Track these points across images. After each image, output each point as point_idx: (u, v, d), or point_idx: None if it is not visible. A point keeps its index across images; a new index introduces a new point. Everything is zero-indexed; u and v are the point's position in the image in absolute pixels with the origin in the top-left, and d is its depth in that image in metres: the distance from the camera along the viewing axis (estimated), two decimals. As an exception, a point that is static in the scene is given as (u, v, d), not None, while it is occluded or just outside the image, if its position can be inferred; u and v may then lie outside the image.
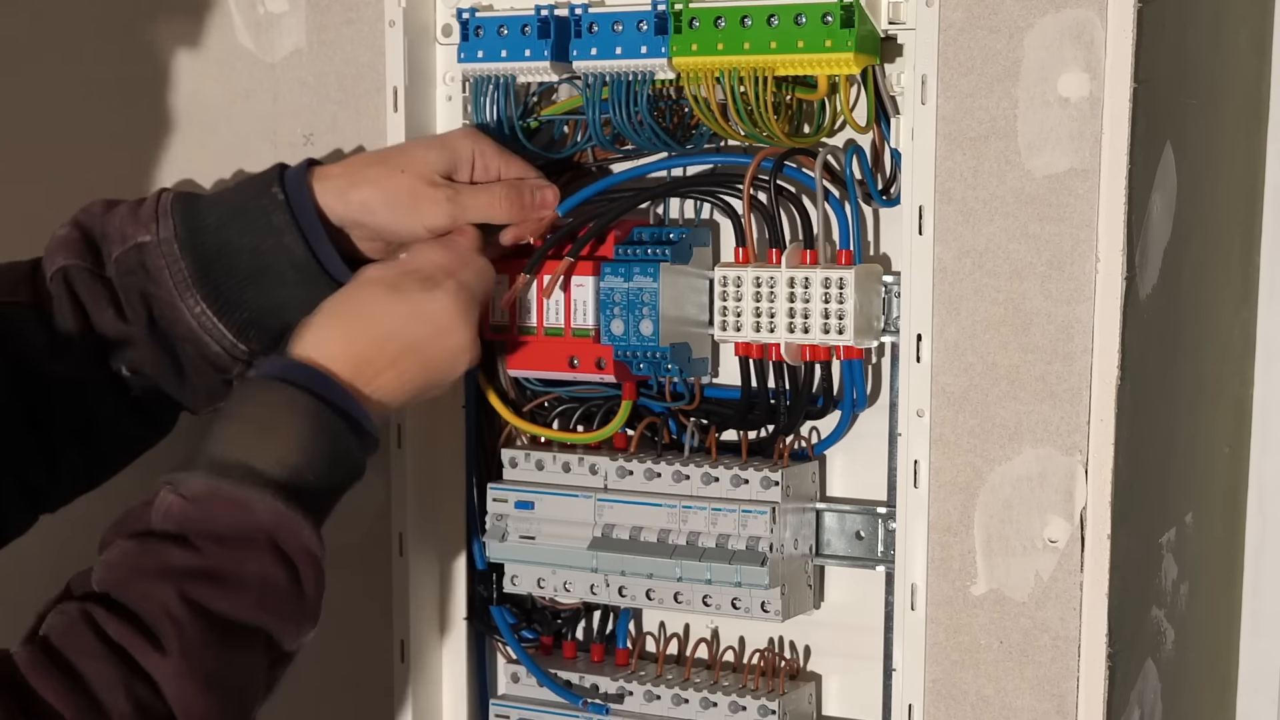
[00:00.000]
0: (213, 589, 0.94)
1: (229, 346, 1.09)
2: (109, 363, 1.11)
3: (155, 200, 1.11)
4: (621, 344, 1.11)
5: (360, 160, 1.11)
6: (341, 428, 0.99)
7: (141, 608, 0.92)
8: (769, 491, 1.09)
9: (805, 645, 1.17)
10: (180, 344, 1.10)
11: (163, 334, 1.10)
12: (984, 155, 1.02)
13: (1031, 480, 1.02)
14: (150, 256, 1.09)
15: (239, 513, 0.95)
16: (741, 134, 1.08)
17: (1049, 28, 0.99)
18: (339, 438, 0.99)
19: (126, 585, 0.93)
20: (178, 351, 1.10)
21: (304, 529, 0.96)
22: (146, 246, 1.09)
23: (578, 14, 1.09)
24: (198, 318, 1.09)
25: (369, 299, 1.04)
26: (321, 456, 0.98)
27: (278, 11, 1.23)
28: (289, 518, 0.96)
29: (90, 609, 0.92)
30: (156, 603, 0.93)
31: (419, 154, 1.10)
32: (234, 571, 0.95)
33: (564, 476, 1.15)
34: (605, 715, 1.15)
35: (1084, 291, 1.00)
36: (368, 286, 1.04)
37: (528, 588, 1.16)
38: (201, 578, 0.94)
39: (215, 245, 1.09)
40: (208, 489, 0.96)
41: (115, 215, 1.11)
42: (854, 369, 1.10)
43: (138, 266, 1.09)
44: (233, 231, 1.08)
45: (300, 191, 1.08)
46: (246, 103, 1.25)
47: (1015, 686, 1.04)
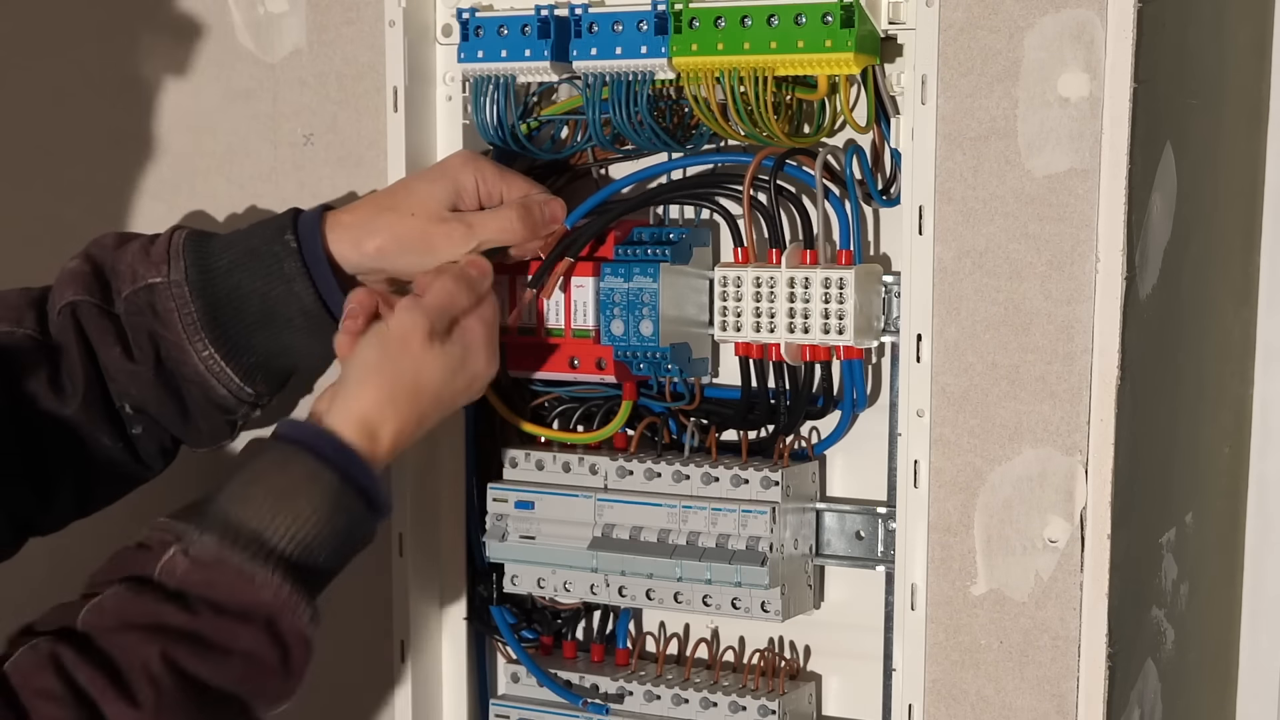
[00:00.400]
0: (198, 654, 0.94)
1: (235, 390, 1.10)
2: (111, 400, 1.11)
3: (168, 239, 1.11)
4: (621, 344, 1.11)
5: (370, 206, 1.11)
6: (360, 506, 0.99)
7: (120, 658, 0.92)
8: (769, 491, 1.09)
9: (805, 645, 1.17)
10: (186, 385, 1.10)
11: (169, 374, 1.10)
12: (984, 155, 1.02)
13: (1031, 480, 1.02)
14: (160, 298, 1.09)
15: (242, 586, 0.95)
16: (741, 134, 1.08)
17: (1049, 28, 0.99)
18: (356, 517, 0.99)
19: (111, 633, 0.93)
20: (183, 393, 1.11)
21: (303, 615, 0.96)
22: (157, 288, 1.09)
23: (578, 14, 1.09)
24: (205, 361, 1.09)
25: (401, 359, 1.03)
26: (336, 535, 0.98)
27: (278, 11, 1.23)
28: (291, 601, 0.96)
29: (60, 650, 0.91)
30: (137, 656, 0.92)
31: (424, 191, 1.09)
32: (223, 642, 0.94)
33: (564, 476, 1.15)
34: (605, 715, 1.15)
35: (1084, 291, 1.00)
36: (398, 345, 1.03)
37: (528, 588, 1.16)
38: (189, 641, 0.94)
39: (225, 289, 1.09)
40: (216, 556, 0.96)
41: (127, 252, 1.11)
42: (854, 369, 1.10)
43: (146, 307, 1.09)
44: (243, 275, 1.09)
45: (313, 239, 1.08)
46: (246, 103, 1.25)
47: (1015, 686, 1.04)
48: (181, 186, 1.28)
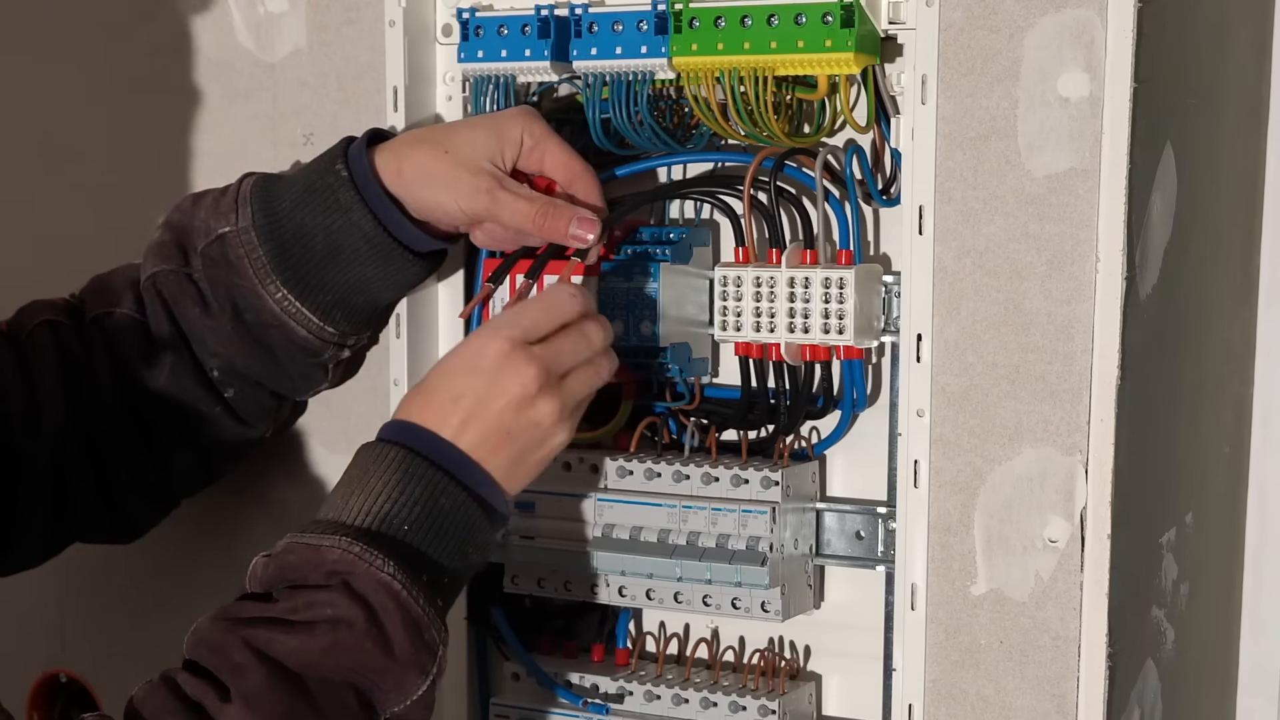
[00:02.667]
0: (278, 633, 0.93)
1: (316, 330, 1.10)
2: (201, 366, 1.13)
3: (237, 188, 1.12)
4: (621, 344, 1.11)
5: (411, 136, 1.11)
6: (439, 478, 0.98)
7: (213, 662, 0.93)
8: (769, 491, 1.09)
9: (805, 645, 1.17)
10: (267, 331, 1.11)
11: (249, 325, 1.11)
12: (984, 155, 1.02)
13: (1031, 480, 1.02)
14: (231, 247, 1.10)
15: (311, 558, 0.95)
16: (741, 134, 1.08)
17: (1049, 28, 0.99)
18: (438, 489, 0.98)
19: (204, 645, 0.94)
20: (266, 340, 1.11)
21: (382, 569, 0.94)
22: (227, 237, 1.10)
23: (578, 14, 1.09)
24: (280, 303, 1.10)
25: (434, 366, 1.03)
26: (417, 505, 0.97)
27: (278, 11, 1.23)
28: (363, 557, 0.94)
29: (172, 673, 0.93)
30: (224, 654, 0.93)
31: (466, 135, 1.09)
32: (304, 616, 0.93)
33: (564, 476, 1.15)
34: (605, 715, 1.15)
35: (1084, 291, 1.00)
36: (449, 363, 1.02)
37: (528, 588, 1.16)
38: (268, 624, 0.93)
39: (291, 229, 1.09)
40: (287, 544, 0.96)
41: (201, 208, 1.12)
42: (854, 369, 1.10)
43: (220, 259, 1.10)
44: (305, 213, 1.09)
45: (362, 166, 1.08)
46: (246, 103, 1.25)
47: (1015, 686, 1.04)
48: (182, 186, 1.28)
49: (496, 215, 1.08)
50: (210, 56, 1.26)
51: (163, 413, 1.13)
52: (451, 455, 0.99)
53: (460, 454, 0.99)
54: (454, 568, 0.99)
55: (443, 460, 0.99)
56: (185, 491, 1.20)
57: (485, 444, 1.00)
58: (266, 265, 1.09)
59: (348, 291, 1.10)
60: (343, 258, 1.09)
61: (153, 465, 1.15)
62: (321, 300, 1.10)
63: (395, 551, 0.95)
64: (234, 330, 1.11)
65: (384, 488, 0.97)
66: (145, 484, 1.15)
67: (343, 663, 0.93)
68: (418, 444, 0.99)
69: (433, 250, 1.12)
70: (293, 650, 0.92)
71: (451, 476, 0.98)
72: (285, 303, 1.09)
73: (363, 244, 1.08)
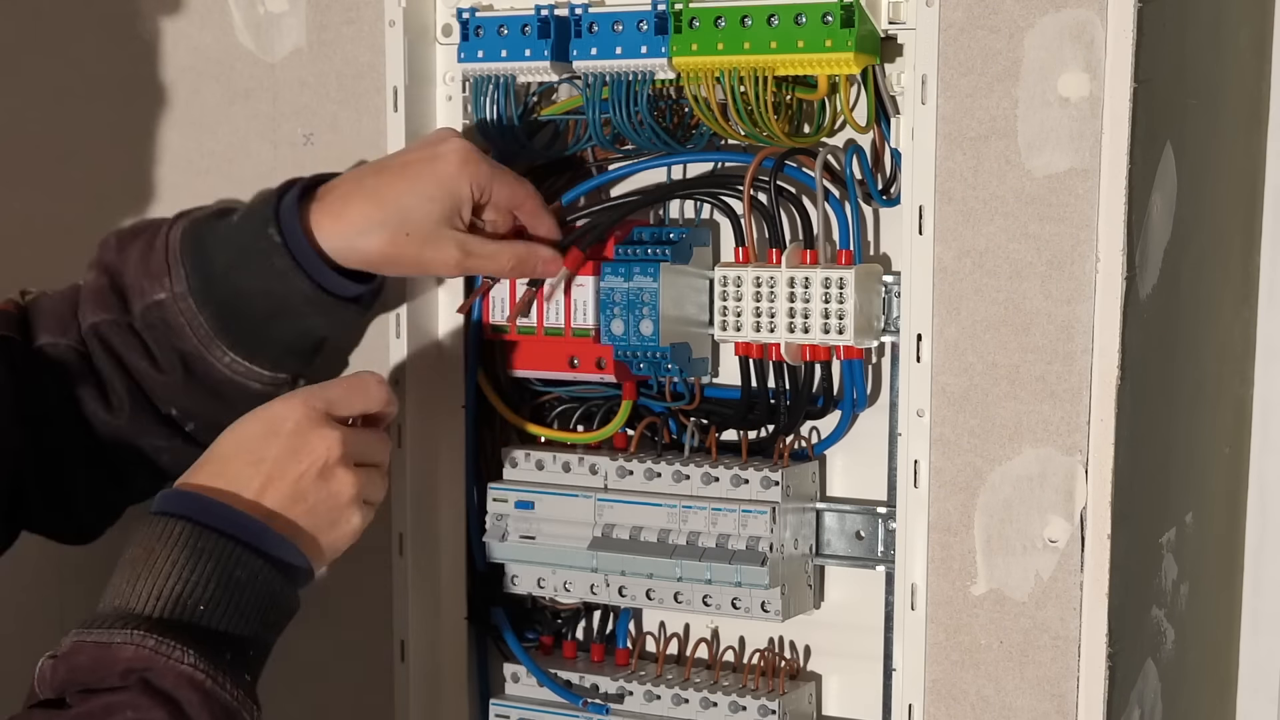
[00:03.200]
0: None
1: (268, 381, 1.11)
2: (158, 410, 1.12)
3: (165, 245, 1.10)
4: (621, 344, 1.11)
5: (361, 209, 1.07)
6: (231, 549, 0.93)
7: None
8: (769, 491, 1.09)
9: (805, 645, 1.17)
10: (220, 387, 1.10)
11: (200, 381, 1.10)
12: (984, 155, 1.02)
13: (1031, 480, 1.02)
14: (170, 314, 1.09)
15: (101, 657, 0.88)
16: (741, 134, 1.08)
17: (1049, 28, 0.99)
18: (231, 561, 0.93)
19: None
20: (221, 392, 1.11)
21: (182, 659, 0.88)
22: (165, 304, 1.09)
23: (578, 14, 1.09)
24: (229, 367, 1.09)
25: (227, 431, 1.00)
26: (210, 582, 0.92)
27: (278, 11, 1.23)
28: (160, 650, 0.88)
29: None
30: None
31: (419, 210, 1.06)
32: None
33: (564, 476, 1.15)
34: (605, 715, 1.15)
35: (1084, 291, 1.00)
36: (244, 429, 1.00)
37: (528, 588, 1.16)
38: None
39: (229, 292, 1.08)
40: (74, 643, 0.90)
41: (130, 260, 1.11)
42: (854, 369, 1.10)
43: (160, 322, 1.09)
44: (241, 276, 1.08)
45: (296, 231, 1.07)
46: (246, 103, 1.25)
47: (1015, 686, 1.04)
48: (181, 186, 1.28)
49: (471, 274, 1.12)
50: (210, 56, 1.26)
51: (119, 446, 1.11)
52: (241, 522, 0.94)
53: (251, 519, 0.95)
54: (259, 639, 0.94)
55: (232, 529, 0.94)
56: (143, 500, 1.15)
57: (283, 509, 0.96)
58: (209, 332, 1.08)
59: (294, 341, 1.10)
60: (286, 316, 1.08)
61: (110, 484, 1.13)
62: (270, 354, 1.10)
63: (193, 637, 0.90)
64: (186, 386, 1.10)
65: (173, 568, 0.91)
66: (104, 500, 1.14)
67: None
68: (204, 516, 0.94)
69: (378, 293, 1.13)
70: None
71: (245, 545, 0.94)
72: (235, 365, 1.09)
73: (303, 304, 1.08)
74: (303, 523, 0.97)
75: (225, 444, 0.99)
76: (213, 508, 0.95)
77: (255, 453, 0.97)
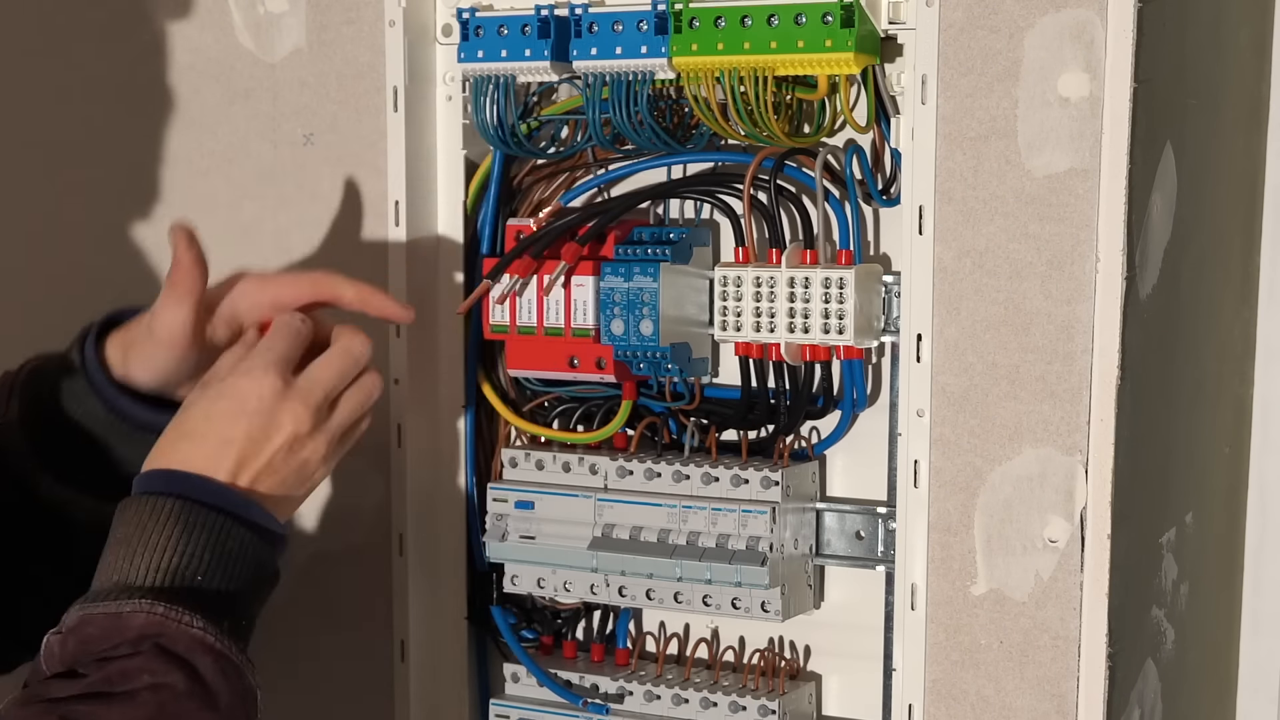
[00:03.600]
0: (98, 708, 0.89)
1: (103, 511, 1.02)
2: None
3: (18, 371, 1.10)
4: (621, 344, 1.11)
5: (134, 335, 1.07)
6: (222, 521, 0.96)
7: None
8: (769, 491, 1.09)
9: (805, 645, 1.17)
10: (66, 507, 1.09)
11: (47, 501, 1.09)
12: (984, 155, 1.02)
13: (1031, 480, 1.02)
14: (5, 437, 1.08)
15: (113, 626, 0.90)
16: (741, 134, 1.08)
17: (1049, 28, 0.99)
18: (223, 532, 0.95)
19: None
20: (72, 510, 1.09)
21: (192, 624, 0.91)
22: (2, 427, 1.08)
23: (578, 14, 1.09)
24: (59, 495, 1.08)
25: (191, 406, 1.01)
26: (205, 552, 0.94)
27: (278, 11, 1.23)
28: (170, 616, 0.91)
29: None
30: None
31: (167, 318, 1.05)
32: (120, 686, 0.89)
33: (564, 476, 1.15)
34: (605, 715, 1.15)
35: (1084, 291, 1.00)
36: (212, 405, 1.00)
37: (528, 588, 1.16)
38: (86, 700, 0.89)
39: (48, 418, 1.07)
40: (80, 616, 0.92)
41: None
42: (854, 369, 1.10)
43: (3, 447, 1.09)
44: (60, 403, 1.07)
45: (90, 351, 1.07)
46: (246, 103, 1.25)
47: (1015, 686, 1.04)
48: (182, 186, 1.28)
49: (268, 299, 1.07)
50: (210, 56, 1.26)
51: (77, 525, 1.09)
52: (228, 496, 0.97)
53: (236, 493, 0.97)
54: (249, 608, 0.97)
55: (221, 503, 0.96)
56: None
57: (259, 483, 0.98)
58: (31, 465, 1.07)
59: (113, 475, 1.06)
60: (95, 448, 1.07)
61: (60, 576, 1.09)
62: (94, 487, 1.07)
63: (197, 603, 0.92)
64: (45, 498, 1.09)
65: (168, 542, 0.94)
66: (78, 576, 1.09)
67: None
68: (192, 491, 0.96)
69: None
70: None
71: (233, 517, 0.96)
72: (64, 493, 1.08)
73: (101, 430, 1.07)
74: (276, 492, 0.99)
75: (193, 420, 1.00)
76: (199, 483, 0.97)
77: (224, 432, 0.98)
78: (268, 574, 0.99)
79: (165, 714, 0.90)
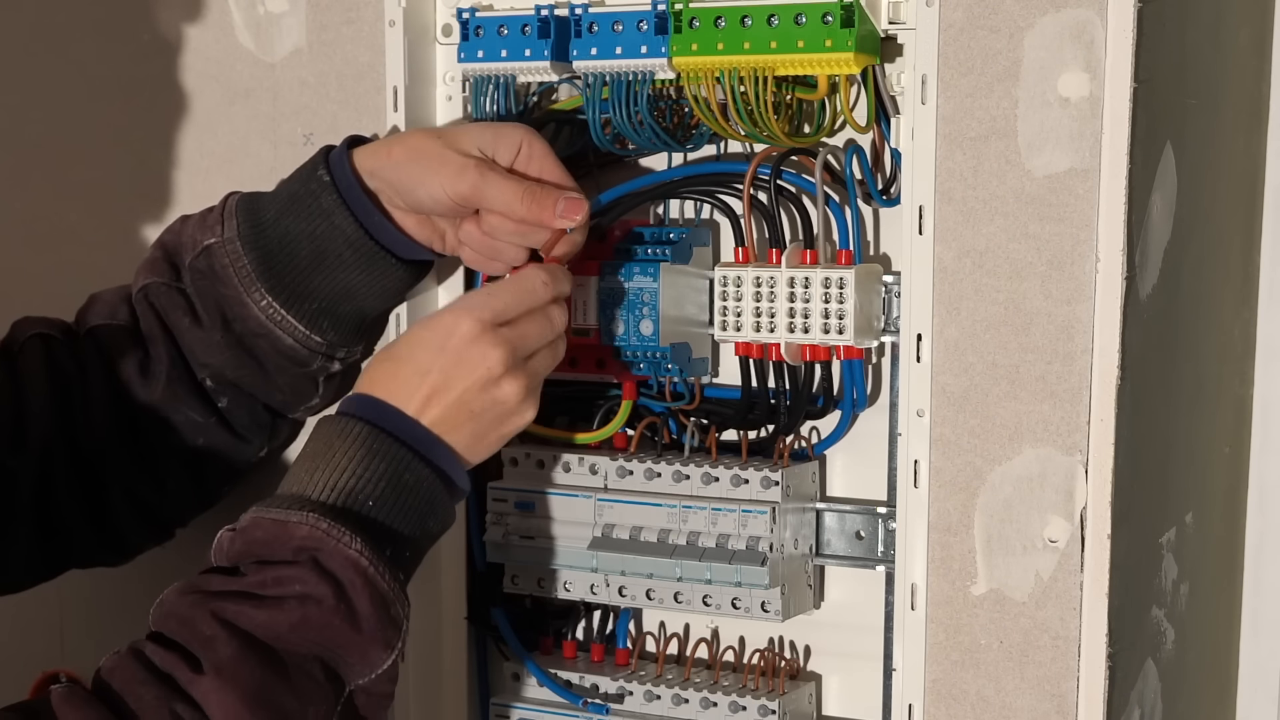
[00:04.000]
0: (247, 607, 0.93)
1: (302, 339, 1.11)
2: (195, 376, 1.13)
3: (223, 203, 1.12)
4: (621, 344, 1.11)
5: (401, 135, 1.12)
6: (403, 454, 0.98)
7: (183, 635, 0.93)
8: (769, 491, 1.09)
9: (805, 645, 1.17)
10: (254, 340, 1.11)
11: (237, 335, 1.11)
12: (984, 155, 1.02)
13: (1031, 480, 1.02)
14: (217, 258, 1.10)
15: (279, 533, 0.95)
16: (741, 134, 1.08)
17: (1049, 28, 0.99)
18: (401, 464, 0.98)
19: (172, 617, 0.94)
20: (255, 350, 1.11)
21: (350, 545, 0.94)
22: (213, 248, 1.10)
23: (578, 14, 1.09)
24: (265, 311, 1.10)
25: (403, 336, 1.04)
26: (381, 481, 0.97)
27: (278, 11, 1.23)
28: (331, 533, 0.94)
29: (140, 644, 0.93)
30: (193, 626, 0.93)
31: (463, 128, 1.10)
32: (272, 590, 0.94)
33: (564, 476, 1.15)
34: (605, 715, 1.15)
35: (1084, 291, 1.00)
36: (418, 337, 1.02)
37: (528, 588, 1.16)
38: (237, 598, 0.94)
39: (276, 237, 1.10)
40: (253, 518, 0.96)
41: (188, 225, 1.13)
42: (854, 369, 1.10)
43: (207, 270, 1.11)
44: (289, 221, 1.10)
45: (343, 168, 1.09)
46: (246, 103, 1.25)
47: (1015, 686, 1.04)
48: (181, 186, 1.28)
49: (483, 195, 1.06)
50: (210, 56, 1.26)
51: (157, 424, 1.13)
52: (415, 431, 0.99)
53: (424, 430, 0.99)
54: (416, 542, 1.00)
55: (407, 436, 0.99)
56: (178, 514, 1.19)
57: (447, 420, 1.00)
58: (251, 274, 1.09)
59: (334, 299, 1.10)
60: (327, 264, 1.09)
61: (147, 481, 1.14)
62: (307, 308, 1.10)
63: (361, 527, 0.95)
64: (223, 340, 1.11)
65: (349, 463, 0.97)
66: (139, 501, 1.15)
67: (311, 637, 0.94)
68: (382, 420, 0.99)
69: (417, 260, 1.12)
70: (262, 624, 0.93)
71: (415, 452, 0.99)
72: (271, 310, 1.10)
73: (346, 249, 1.09)
74: (464, 430, 1.01)
75: (399, 347, 1.02)
76: (389, 413, 0.99)
77: (423, 363, 1.00)
78: (439, 513, 1.01)
79: (309, 624, 0.93)
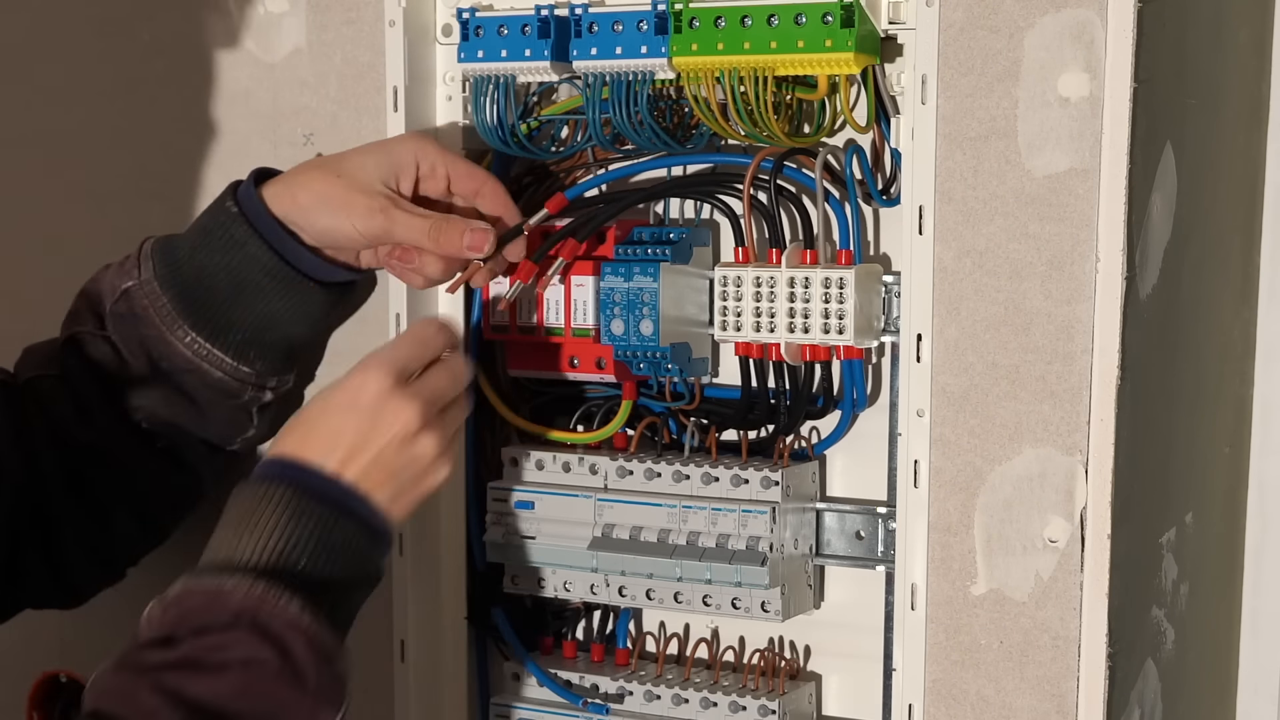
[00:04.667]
0: (189, 677, 0.91)
1: (230, 370, 1.11)
2: (130, 418, 1.13)
3: (139, 248, 1.13)
4: (621, 344, 1.11)
5: (301, 167, 1.12)
6: (328, 513, 0.97)
7: (122, 712, 0.91)
8: (769, 491, 1.09)
9: (805, 645, 1.17)
10: (183, 376, 1.11)
11: (165, 373, 1.11)
12: (984, 155, 1.02)
13: (1031, 480, 1.02)
14: (136, 300, 1.11)
15: (214, 602, 0.93)
16: (741, 134, 1.08)
17: (1049, 28, 0.99)
18: (328, 523, 0.97)
19: (109, 694, 0.92)
20: (184, 386, 1.11)
21: (289, 606, 0.93)
22: (131, 291, 1.11)
23: (578, 14, 1.09)
24: (189, 346, 1.10)
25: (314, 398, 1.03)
26: (310, 540, 0.96)
27: (278, 11, 1.23)
28: (267, 596, 0.93)
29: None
30: (134, 701, 0.91)
31: (357, 161, 1.10)
32: (214, 659, 0.92)
33: (564, 476, 1.15)
34: (605, 715, 1.15)
35: (1084, 291, 1.00)
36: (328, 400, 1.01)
37: (528, 588, 1.16)
38: (178, 668, 0.91)
39: (193, 273, 1.10)
40: (184, 588, 0.94)
41: (108, 273, 1.14)
42: (854, 369, 1.10)
43: (128, 313, 1.11)
44: (204, 256, 1.10)
45: (251, 200, 1.09)
46: (246, 103, 1.25)
47: (1015, 686, 1.04)
48: (182, 186, 1.28)
49: (392, 233, 1.08)
50: (210, 56, 1.26)
51: (99, 469, 1.13)
52: (337, 489, 0.98)
53: (345, 487, 0.98)
54: (349, 597, 0.99)
55: (330, 495, 0.98)
56: (128, 554, 1.18)
57: (368, 479, 0.99)
58: (171, 311, 1.10)
59: (257, 328, 1.10)
60: (246, 294, 1.09)
61: (95, 526, 1.14)
62: (232, 340, 1.10)
63: (296, 588, 0.94)
64: (152, 380, 1.11)
65: (275, 526, 0.96)
66: (89, 547, 1.14)
67: (255, 704, 0.92)
68: (302, 480, 0.98)
69: (339, 281, 1.12)
70: (205, 693, 0.91)
71: (340, 510, 0.98)
72: (195, 345, 1.10)
73: (263, 277, 1.09)
74: (386, 489, 1.00)
75: (309, 410, 1.02)
76: (309, 473, 0.98)
77: (335, 424, 1.00)
78: (370, 570, 1.00)
79: (253, 690, 0.92)
